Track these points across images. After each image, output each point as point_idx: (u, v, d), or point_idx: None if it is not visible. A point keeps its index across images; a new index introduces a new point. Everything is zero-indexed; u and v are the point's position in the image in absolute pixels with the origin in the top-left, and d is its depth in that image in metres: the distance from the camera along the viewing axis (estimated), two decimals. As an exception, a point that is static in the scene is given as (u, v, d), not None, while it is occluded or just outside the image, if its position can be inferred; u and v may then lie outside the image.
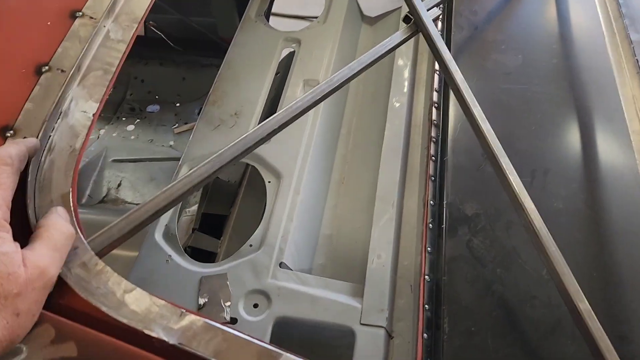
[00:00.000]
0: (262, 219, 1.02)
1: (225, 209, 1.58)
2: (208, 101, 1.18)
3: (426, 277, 0.88)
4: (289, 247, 0.96)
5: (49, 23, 0.69)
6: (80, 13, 0.71)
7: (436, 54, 0.98)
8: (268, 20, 1.47)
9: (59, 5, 0.71)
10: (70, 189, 0.59)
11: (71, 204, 0.58)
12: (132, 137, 2.17)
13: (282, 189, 1.02)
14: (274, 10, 1.61)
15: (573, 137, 1.04)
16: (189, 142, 1.12)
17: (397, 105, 1.15)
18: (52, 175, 0.59)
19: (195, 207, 1.85)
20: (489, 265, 0.88)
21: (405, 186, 1.04)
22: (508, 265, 0.87)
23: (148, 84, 2.29)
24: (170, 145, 2.18)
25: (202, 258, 1.02)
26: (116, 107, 2.24)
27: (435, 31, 0.99)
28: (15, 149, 0.54)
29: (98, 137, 2.14)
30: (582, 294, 0.72)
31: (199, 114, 2.32)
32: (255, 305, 0.86)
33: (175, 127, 2.23)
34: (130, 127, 2.19)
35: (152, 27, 2.18)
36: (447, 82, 0.97)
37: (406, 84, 1.19)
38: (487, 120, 0.89)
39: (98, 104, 0.64)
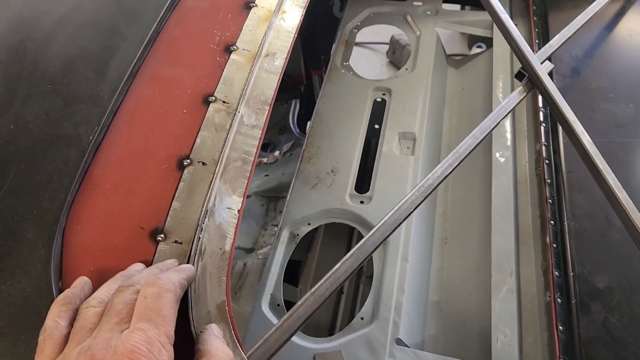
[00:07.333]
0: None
1: (301, 255, 1.55)
2: (303, 158, 1.15)
3: (561, 360, 0.81)
4: (402, 320, 0.91)
5: (184, 111, 0.67)
6: (213, 97, 0.68)
7: (557, 114, 0.92)
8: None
9: (192, 91, 0.69)
10: (226, 298, 0.55)
11: (227, 315, 0.55)
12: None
13: (389, 256, 0.98)
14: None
15: None
16: (287, 202, 1.09)
17: (502, 160, 1.09)
18: (206, 284, 0.56)
19: (267, 249, 1.82)
20: (631, 348, 0.81)
21: (519, 251, 0.98)
22: (653, 349, 0.80)
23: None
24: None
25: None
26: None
27: (553, 87, 0.94)
28: (177, 276, 0.51)
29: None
30: None
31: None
32: (377, 389, 0.82)
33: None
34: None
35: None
36: (574, 146, 0.90)
37: (509, 136, 1.13)
38: (623, 189, 0.83)
39: (241, 199, 0.61)
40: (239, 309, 1.42)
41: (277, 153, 2.19)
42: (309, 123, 1.24)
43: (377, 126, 1.26)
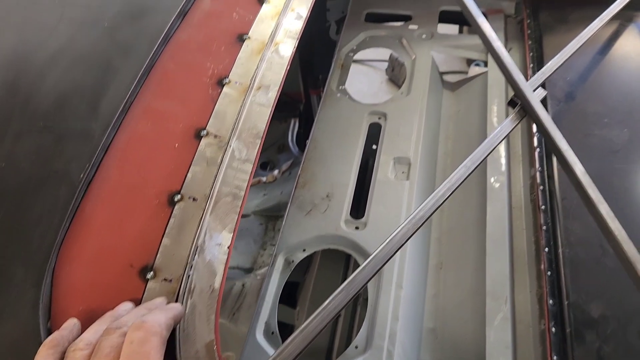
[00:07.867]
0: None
1: (298, 276, 1.54)
2: (298, 184, 1.16)
3: (556, 391, 0.81)
4: (397, 348, 0.91)
5: (176, 145, 0.67)
6: (205, 131, 0.69)
7: (550, 143, 0.92)
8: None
9: (184, 125, 0.69)
10: (214, 337, 0.55)
11: (216, 355, 0.55)
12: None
13: (383, 283, 0.98)
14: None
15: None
16: (282, 229, 1.09)
17: (497, 185, 1.09)
18: (194, 322, 0.56)
19: (265, 270, 1.81)
20: (626, 379, 0.80)
21: (514, 278, 0.98)
22: (649, 380, 0.79)
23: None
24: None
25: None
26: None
27: (546, 116, 0.94)
28: (164, 316, 0.51)
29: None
30: None
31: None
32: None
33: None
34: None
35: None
36: (567, 175, 0.91)
37: (503, 161, 1.14)
38: (616, 219, 0.83)
39: (232, 235, 0.62)
40: (237, 330, 1.41)
41: (276, 172, 2.19)
42: (308, 142, 1.24)
43: (374, 146, 1.27)
